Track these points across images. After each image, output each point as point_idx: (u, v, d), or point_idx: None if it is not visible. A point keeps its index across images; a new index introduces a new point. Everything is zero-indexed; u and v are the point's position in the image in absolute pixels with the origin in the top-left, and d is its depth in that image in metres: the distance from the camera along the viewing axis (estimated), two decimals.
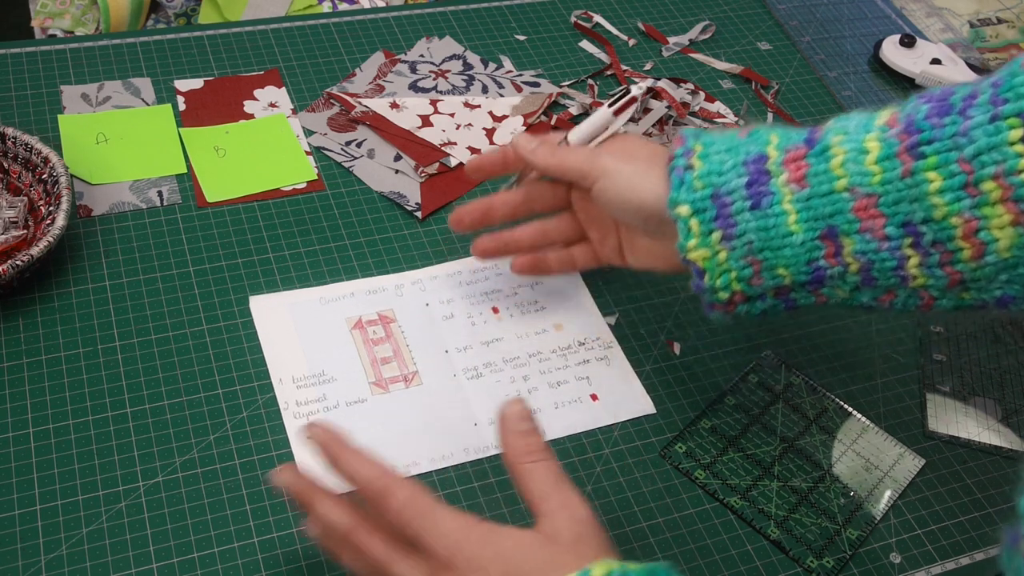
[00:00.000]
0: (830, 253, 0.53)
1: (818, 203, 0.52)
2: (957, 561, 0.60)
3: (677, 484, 0.62)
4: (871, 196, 0.51)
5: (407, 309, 0.68)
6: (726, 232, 0.54)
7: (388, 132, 0.80)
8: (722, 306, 0.56)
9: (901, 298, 0.53)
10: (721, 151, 0.55)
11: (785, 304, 0.56)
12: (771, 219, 0.53)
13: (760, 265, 0.54)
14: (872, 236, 0.51)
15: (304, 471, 0.52)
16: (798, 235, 0.53)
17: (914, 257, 0.51)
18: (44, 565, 0.53)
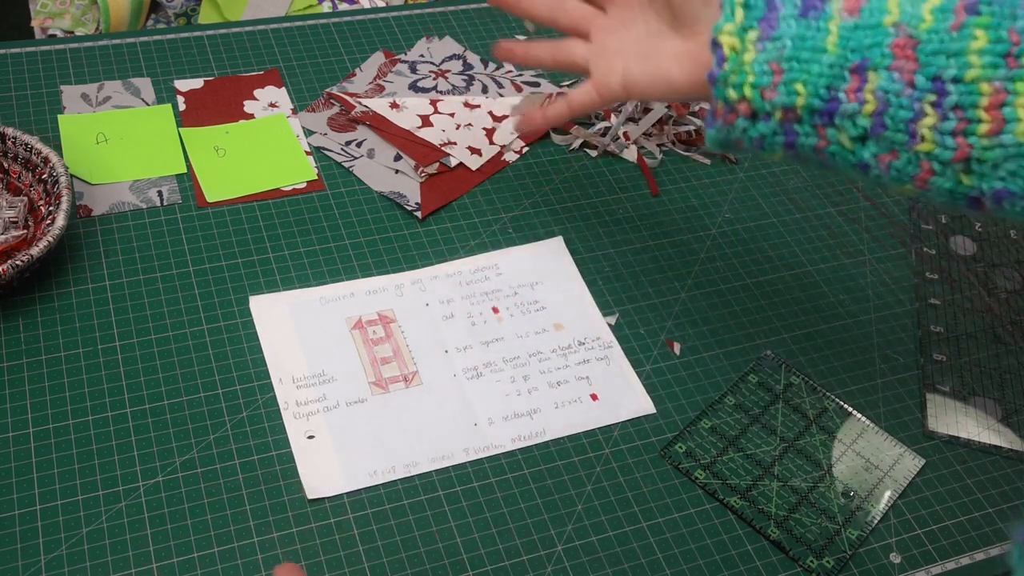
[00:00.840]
0: (852, 87, 0.51)
1: (861, 35, 0.51)
2: (957, 561, 0.60)
3: (677, 484, 0.62)
4: (913, 38, 0.50)
5: (407, 309, 0.68)
6: (764, 34, 0.53)
7: (388, 132, 0.80)
8: (725, 111, 0.55)
9: (901, 161, 0.52)
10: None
11: (786, 136, 0.54)
12: (811, 31, 0.52)
13: (781, 76, 0.53)
14: (899, 77, 0.50)
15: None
16: (830, 55, 0.52)
17: (931, 116, 0.50)
18: (44, 565, 0.53)
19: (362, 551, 0.56)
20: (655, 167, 0.82)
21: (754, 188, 0.82)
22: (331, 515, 0.57)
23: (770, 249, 0.77)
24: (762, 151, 0.55)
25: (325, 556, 0.56)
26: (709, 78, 0.54)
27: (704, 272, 0.75)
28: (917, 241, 0.79)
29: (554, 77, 0.88)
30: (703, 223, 0.78)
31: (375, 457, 0.60)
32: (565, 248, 0.74)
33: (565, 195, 0.78)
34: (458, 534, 0.58)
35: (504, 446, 0.62)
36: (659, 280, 0.73)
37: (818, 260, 0.77)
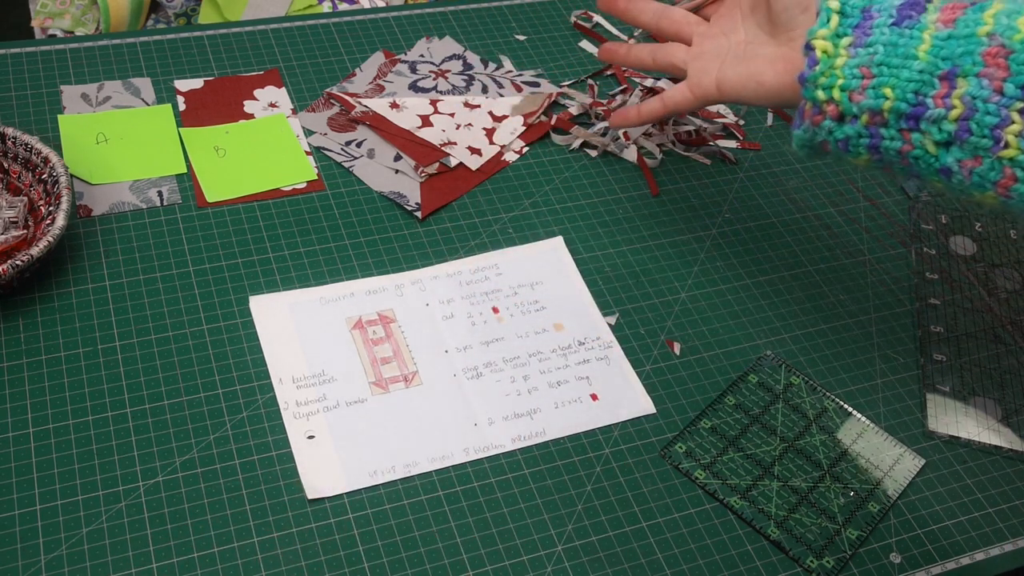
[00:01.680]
0: (941, 94, 0.52)
1: (954, 44, 0.52)
2: (957, 561, 0.60)
3: (677, 484, 0.62)
4: (1005, 48, 0.50)
5: (407, 309, 0.68)
6: (857, 40, 0.54)
7: (388, 132, 0.80)
8: (812, 112, 0.56)
9: (984, 167, 0.52)
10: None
11: (871, 139, 0.55)
12: (904, 38, 0.53)
13: (871, 80, 0.54)
14: (988, 84, 0.51)
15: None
16: (921, 61, 0.53)
17: (1018, 123, 0.50)
18: (44, 565, 0.53)
19: (362, 551, 0.56)
20: (655, 167, 0.82)
21: (754, 188, 0.82)
22: (331, 515, 0.57)
23: (770, 249, 0.77)
24: (847, 154, 0.57)
25: (325, 556, 0.56)
26: (799, 79, 0.56)
27: (704, 272, 0.75)
28: (917, 241, 0.79)
29: (554, 77, 0.88)
30: (703, 223, 0.78)
31: (375, 457, 0.60)
32: (565, 248, 0.74)
33: (565, 195, 0.78)
34: (458, 534, 0.58)
35: (504, 446, 0.62)
36: (659, 280, 0.73)
37: (818, 260, 0.77)
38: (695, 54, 0.66)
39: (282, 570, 0.55)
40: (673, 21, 0.68)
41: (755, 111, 0.89)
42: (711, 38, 0.66)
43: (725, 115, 0.87)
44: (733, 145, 0.85)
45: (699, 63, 0.66)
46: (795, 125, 0.58)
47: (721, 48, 0.65)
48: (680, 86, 0.67)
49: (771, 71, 0.61)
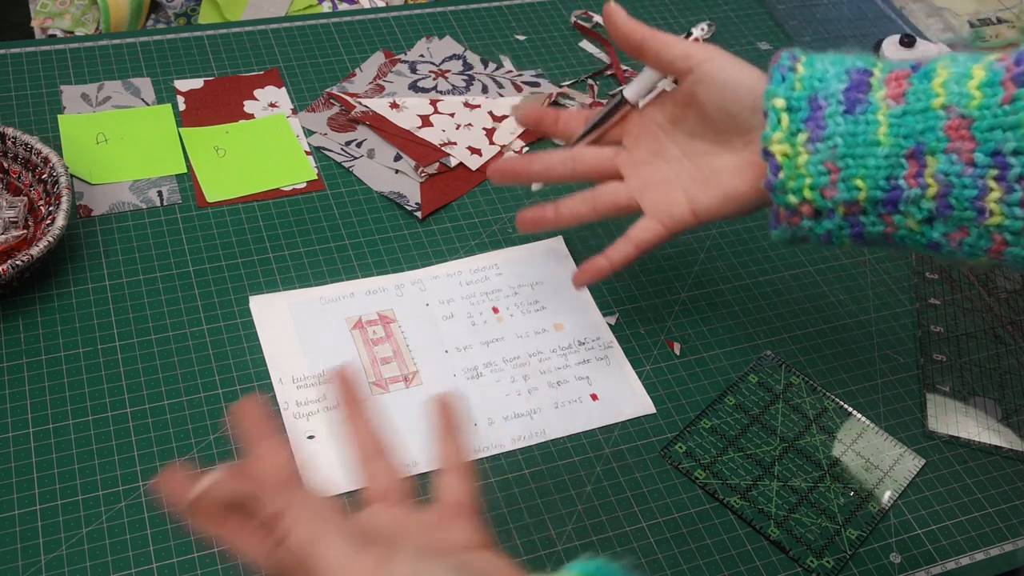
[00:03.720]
0: (912, 173, 0.51)
1: (911, 120, 0.51)
2: (957, 561, 0.60)
3: (677, 484, 0.62)
4: (966, 118, 0.49)
5: (407, 309, 0.68)
6: (813, 135, 0.53)
7: (388, 132, 0.80)
8: (788, 215, 0.55)
9: (973, 236, 0.51)
10: (826, 62, 0.55)
11: (852, 228, 0.54)
12: (861, 126, 0.52)
13: (839, 173, 0.53)
14: (958, 158, 0.50)
15: (263, 412, 0.48)
16: (884, 147, 0.51)
17: (996, 191, 0.49)
18: (44, 565, 0.53)
19: None
20: None
21: None
22: None
23: (770, 249, 0.77)
24: (830, 244, 0.56)
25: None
26: (767, 186, 0.54)
27: (704, 272, 0.75)
28: None
29: (554, 77, 0.88)
30: None
31: None
32: (565, 248, 0.74)
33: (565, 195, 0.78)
34: None
35: (504, 446, 0.62)
36: (659, 280, 0.73)
37: (818, 260, 0.77)
38: (639, 187, 0.62)
39: None
40: (588, 163, 0.63)
41: None
42: (645, 164, 0.62)
43: None
44: None
45: (652, 195, 0.61)
46: (772, 226, 0.56)
47: (668, 174, 0.61)
48: (646, 222, 0.61)
49: (742, 183, 0.58)
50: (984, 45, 1.02)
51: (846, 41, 0.98)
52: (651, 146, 0.62)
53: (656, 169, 0.62)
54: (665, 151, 0.61)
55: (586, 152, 0.63)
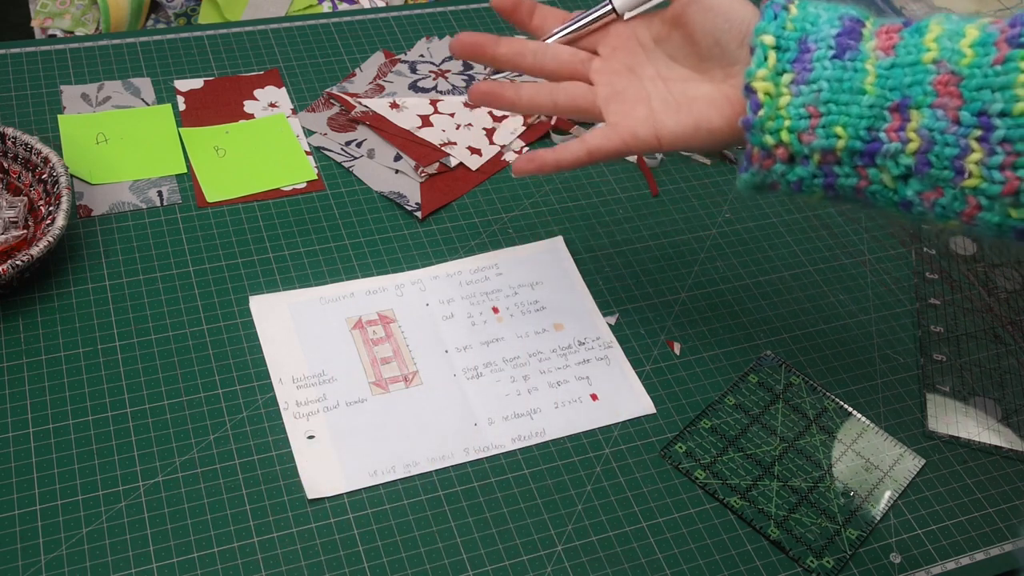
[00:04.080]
0: (894, 127, 0.50)
1: (900, 72, 0.50)
2: (957, 561, 0.60)
3: (677, 484, 0.62)
4: (955, 75, 0.49)
5: (407, 309, 0.68)
6: (798, 76, 0.52)
7: (388, 132, 0.80)
8: (761, 156, 0.53)
9: (947, 198, 0.50)
10: (820, 7, 0.54)
11: (825, 178, 0.53)
12: (848, 72, 0.51)
13: (820, 119, 0.51)
14: (944, 114, 0.49)
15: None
16: (869, 96, 0.51)
17: (977, 151, 0.48)
18: (44, 565, 0.53)
19: (362, 551, 0.56)
20: (655, 167, 0.82)
21: None
22: (331, 515, 0.57)
23: (770, 249, 0.77)
24: (799, 193, 0.54)
25: (325, 556, 0.56)
26: (744, 124, 0.53)
27: (704, 272, 0.75)
28: (917, 241, 0.79)
29: None
30: (703, 223, 0.78)
31: (375, 457, 0.60)
32: (565, 248, 0.74)
33: (565, 195, 0.78)
34: (458, 534, 0.58)
35: (504, 446, 0.62)
36: (659, 280, 0.73)
37: (818, 260, 0.77)
38: (606, 96, 0.59)
39: (282, 570, 0.55)
40: (559, 60, 0.61)
41: None
42: (617, 75, 0.59)
43: None
44: None
45: (617, 107, 0.59)
46: (742, 168, 0.54)
47: (639, 91, 0.59)
48: (606, 130, 0.58)
49: (717, 116, 0.56)
50: None
51: None
52: (628, 60, 0.60)
53: (628, 82, 0.59)
54: (641, 68, 0.59)
55: (560, 50, 0.61)
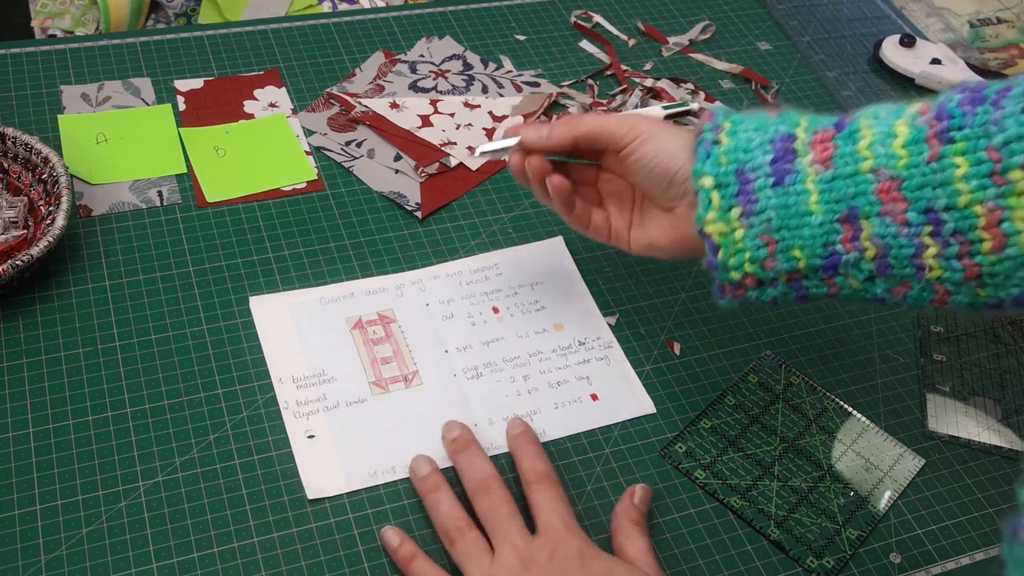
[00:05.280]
0: (847, 238, 0.52)
1: (841, 184, 0.52)
2: (957, 561, 0.60)
3: (677, 484, 0.62)
4: (895, 179, 0.50)
5: (407, 309, 0.68)
6: (746, 209, 0.54)
7: (388, 132, 0.80)
8: (732, 288, 0.56)
9: (915, 290, 0.52)
10: (749, 129, 0.55)
11: (797, 293, 0.55)
12: (792, 197, 0.53)
13: (776, 245, 0.53)
14: (892, 220, 0.50)
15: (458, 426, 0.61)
16: (817, 215, 0.52)
17: (933, 247, 0.50)
18: (44, 565, 0.53)
19: (362, 551, 0.56)
20: None
21: None
22: (331, 515, 0.57)
23: None
24: (777, 306, 0.57)
25: (325, 556, 0.56)
26: (709, 266, 0.56)
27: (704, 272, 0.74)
28: None
29: (554, 77, 0.88)
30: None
31: (375, 457, 0.60)
32: (565, 248, 0.74)
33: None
34: None
35: (504, 446, 0.62)
36: (659, 280, 0.73)
37: None
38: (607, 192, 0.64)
39: (282, 570, 0.55)
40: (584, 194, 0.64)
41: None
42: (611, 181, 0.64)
43: None
44: None
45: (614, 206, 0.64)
46: (717, 296, 0.57)
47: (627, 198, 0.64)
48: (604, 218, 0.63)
49: (666, 240, 0.60)
50: (984, 45, 1.02)
51: (846, 41, 0.98)
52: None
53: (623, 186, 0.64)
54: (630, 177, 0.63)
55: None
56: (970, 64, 0.93)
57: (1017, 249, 0.48)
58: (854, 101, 0.91)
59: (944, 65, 0.92)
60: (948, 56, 0.93)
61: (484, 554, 0.53)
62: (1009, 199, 0.47)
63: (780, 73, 0.93)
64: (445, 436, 0.60)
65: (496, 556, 0.53)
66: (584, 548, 0.53)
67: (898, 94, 0.93)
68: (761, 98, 0.90)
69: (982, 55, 1.00)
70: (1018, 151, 0.47)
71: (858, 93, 0.92)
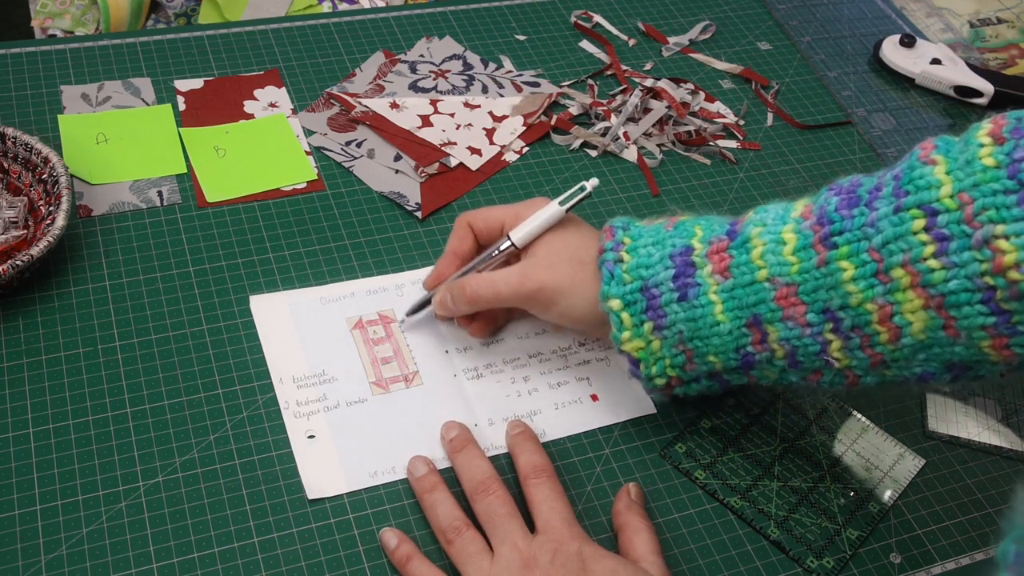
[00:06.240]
0: (756, 340, 0.55)
1: (741, 293, 0.55)
2: (957, 561, 0.60)
3: (677, 484, 0.62)
4: (791, 285, 0.53)
5: (407, 309, 0.68)
6: (657, 323, 0.57)
7: (388, 132, 0.80)
8: (660, 390, 0.60)
9: (828, 378, 0.56)
10: (648, 244, 0.59)
11: (720, 384, 0.59)
12: (698, 310, 0.56)
13: (691, 353, 0.57)
14: (795, 323, 0.54)
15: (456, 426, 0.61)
16: (725, 324, 0.55)
17: (836, 341, 0.53)
18: (44, 565, 0.53)
19: (362, 551, 0.56)
20: (655, 167, 0.82)
21: (754, 188, 0.82)
22: (331, 515, 0.57)
23: None
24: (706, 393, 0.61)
25: (325, 556, 0.56)
26: (634, 378, 0.59)
27: None
28: None
29: (554, 77, 0.88)
30: None
31: (375, 457, 0.60)
32: None
33: None
34: None
35: (504, 447, 0.62)
36: None
37: None
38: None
39: (282, 570, 0.55)
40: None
41: (755, 111, 0.89)
42: None
43: (725, 115, 0.87)
44: (733, 145, 0.85)
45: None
46: (648, 392, 0.61)
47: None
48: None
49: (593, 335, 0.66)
50: (984, 45, 1.02)
51: (846, 41, 0.98)
52: None
53: None
54: None
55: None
56: (970, 64, 0.93)
57: (911, 338, 0.51)
58: (854, 101, 0.91)
59: (944, 65, 0.93)
60: (948, 56, 0.93)
61: (483, 554, 0.53)
62: (896, 295, 0.50)
63: (780, 73, 0.93)
64: (444, 436, 0.60)
65: (496, 557, 0.53)
66: (585, 548, 0.53)
67: (898, 94, 0.93)
68: (761, 98, 0.90)
69: (982, 55, 1.00)
70: (896, 251, 0.50)
71: (858, 93, 0.92)
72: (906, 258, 0.49)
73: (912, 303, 0.50)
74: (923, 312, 0.50)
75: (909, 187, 0.50)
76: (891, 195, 0.51)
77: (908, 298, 0.50)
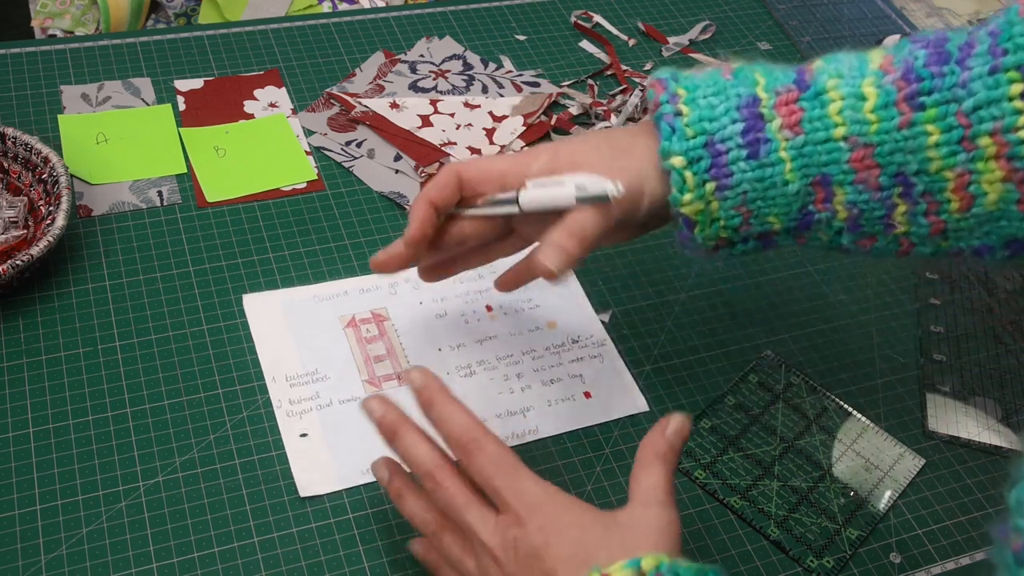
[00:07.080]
0: (820, 199, 0.52)
1: (812, 151, 0.51)
2: (957, 561, 0.60)
3: (677, 484, 0.62)
4: (868, 146, 0.50)
5: (400, 307, 0.68)
6: (721, 183, 0.51)
7: (388, 132, 0.80)
8: (706, 251, 0.55)
9: (881, 243, 0.53)
10: (709, 95, 0.52)
11: (766, 248, 0.55)
12: (767, 169, 0.51)
13: (751, 214, 0.52)
14: (865, 187, 0.50)
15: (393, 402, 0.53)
16: (793, 184, 0.51)
17: (902, 206, 0.50)
18: (44, 565, 0.53)
19: (362, 551, 0.56)
20: None
21: None
22: (331, 515, 0.57)
23: None
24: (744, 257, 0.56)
25: (325, 556, 0.56)
26: (681, 239, 0.54)
27: (704, 272, 0.75)
28: None
29: (554, 77, 0.88)
30: None
31: (368, 455, 0.60)
32: None
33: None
34: None
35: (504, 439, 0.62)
36: (659, 280, 0.73)
37: (818, 260, 0.77)
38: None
39: (282, 570, 0.55)
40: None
41: None
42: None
43: None
44: None
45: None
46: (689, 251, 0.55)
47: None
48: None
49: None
50: None
51: (846, 41, 0.98)
52: None
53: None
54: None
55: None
56: None
57: (982, 208, 0.48)
58: None
59: None
60: None
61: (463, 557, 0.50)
62: (977, 164, 0.47)
63: None
64: (412, 388, 0.53)
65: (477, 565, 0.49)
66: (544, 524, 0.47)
67: None
68: None
69: None
70: (987, 117, 0.46)
71: None
72: (997, 126, 0.46)
73: (992, 174, 0.47)
74: (1001, 184, 0.47)
75: (1008, 44, 0.45)
76: (987, 53, 0.46)
77: (989, 168, 0.47)
